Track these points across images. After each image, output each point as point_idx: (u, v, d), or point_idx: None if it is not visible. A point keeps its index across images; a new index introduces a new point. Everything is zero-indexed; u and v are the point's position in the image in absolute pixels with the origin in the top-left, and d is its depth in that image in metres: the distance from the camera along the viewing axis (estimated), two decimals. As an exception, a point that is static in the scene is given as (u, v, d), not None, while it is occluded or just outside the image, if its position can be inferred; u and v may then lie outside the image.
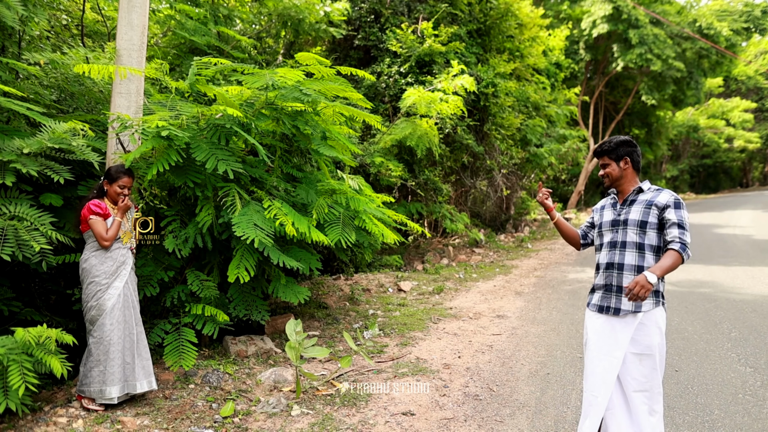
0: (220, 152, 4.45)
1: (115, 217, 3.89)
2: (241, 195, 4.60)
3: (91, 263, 3.82)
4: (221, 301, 5.00)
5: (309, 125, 5.19)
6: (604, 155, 3.06)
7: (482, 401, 4.19)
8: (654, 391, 2.83)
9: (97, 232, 3.79)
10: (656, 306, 2.87)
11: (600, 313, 3.01)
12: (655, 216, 2.86)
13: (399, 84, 11.54)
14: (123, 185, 3.92)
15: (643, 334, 2.83)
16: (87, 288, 3.82)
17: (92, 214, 3.79)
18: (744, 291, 7.71)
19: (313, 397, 4.27)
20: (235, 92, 4.74)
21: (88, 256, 3.85)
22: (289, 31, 11.73)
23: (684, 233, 2.78)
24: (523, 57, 15.06)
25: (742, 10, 26.88)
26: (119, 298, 3.85)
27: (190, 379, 4.40)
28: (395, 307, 7.42)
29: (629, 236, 2.92)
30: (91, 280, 3.80)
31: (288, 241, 5.17)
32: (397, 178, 10.09)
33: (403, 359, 5.24)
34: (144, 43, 4.77)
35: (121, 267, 3.91)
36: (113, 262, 3.87)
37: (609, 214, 3.08)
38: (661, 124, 30.73)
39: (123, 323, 3.87)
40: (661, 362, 2.85)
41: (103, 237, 3.79)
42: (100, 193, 3.95)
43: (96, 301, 3.78)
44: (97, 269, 3.80)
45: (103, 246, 3.82)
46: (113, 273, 3.85)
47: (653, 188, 2.97)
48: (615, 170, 3.02)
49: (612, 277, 2.97)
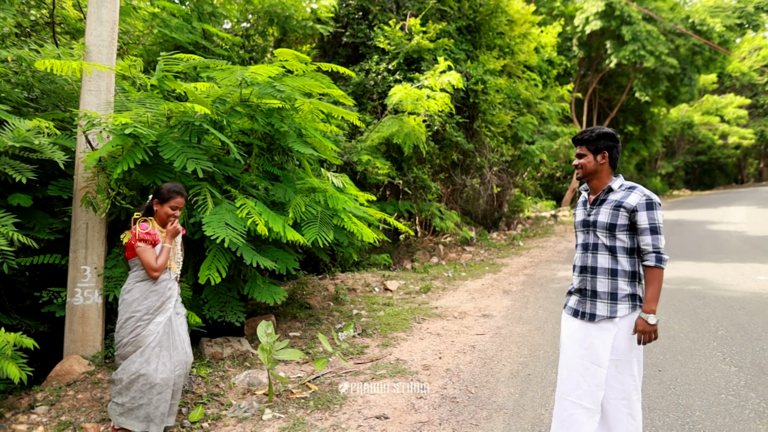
0: (191, 150, 4.34)
1: (164, 244, 3.44)
2: (213, 194, 4.49)
3: (133, 295, 3.39)
4: (195, 302, 4.89)
5: (285, 122, 5.07)
6: (583, 144, 2.88)
7: (459, 404, 4.09)
8: (632, 398, 2.71)
9: (146, 262, 3.35)
10: (633, 311, 2.73)
11: (575, 317, 2.90)
12: (624, 218, 2.71)
13: (387, 81, 11.43)
14: (175, 206, 3.48)
15: (620, 340, 2.71)
16: (125, 322, 3.38)
17: (140, 240, 3.36)
18: (733, 288, 7.63)
19: (286, 401, 4.16)
20: (204, 88, 4.62)
21: (131, 286, 3.42)
22: (276, 28, 11.62)
23: (657, 238, 2.66)
24: (514, 54, 14.96)
25: (735, 6, 26.84)
26: (158, 336, 3.41)
27: (160, 383, 4.28)
28: (380, 307, 7.31)
29: (600, 239, 2.79)
30: (130, 315, 3.37)
31: (264, 240, 5.06)
32: (385, 176, 9.99)
33: (383, 360, 5.13)
34: (114, 40, 4.65)
35: (167, 301, 3.49)
36: (158, 296, 3.44)
37: (581, 213, 2.94)
38: (655, 121, 30.67)
39: (168, 361, 3.45)
40: (639, 369, 2.73)
41: (152, 267, 3.35)
42: (147, 214, 3.52)
43: (134, 336, 3.36)
44: (139, 303, 3.38)
45: (152, 277, 3.39)
46: (157, 308, 3.43)
47: (625, 186, 2.80)
48: (590, 163, 2.84)
49: (586, 281, 2.84)
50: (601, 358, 2.71)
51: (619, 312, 2.72)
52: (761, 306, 6.54)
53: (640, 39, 22.77)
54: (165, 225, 3.49)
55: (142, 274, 3.40)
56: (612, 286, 2.74)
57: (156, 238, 3.41)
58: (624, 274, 2.73)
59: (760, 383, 4.20)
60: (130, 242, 3.39)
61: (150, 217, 3.51)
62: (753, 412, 3.70)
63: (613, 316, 2.73)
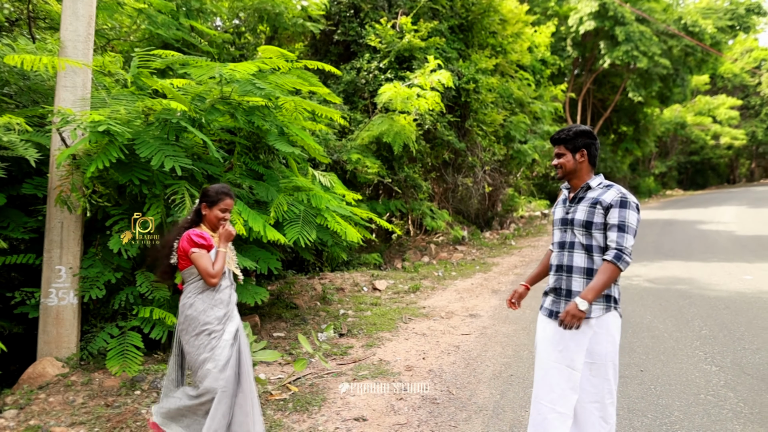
0: (169, 148, 4.28)
1: (219, 248, 3.16)
2: (191, 192, 4.43)
3: (197, 308, 3.07)
4: (174, 302, 4.83)
5: (267, 120, 5.02)
6: (561, 144, 2.83)
7: (439, 405, 4.04)
8: (605, 402, 2.65)
9: (203, 268, 3.05)
10: (607, 311, 2.68)
11: (550, 318, 2.85)
12: (601, 216, 2.67)
13: (378, 80, 11.38)
14: (225, 208, 3.19)
15: (594, 342, 2.65)
16: (197, 339, 3.04)
17: (194, 246, 3.06)
18: (719, 287, 7.62)
19: (264, 402, 4.11)
20: (181, 84, 4.56)
21: (192, 299, 3.09)
22: (266, 26, 11.56)
23: (623, 237, 2.60)
24: (506, 53, 14.92)
25: (727, 8, 26.94)
26: (232, 349, 3.13)
27: (137, 385, 4.23)
28: (367, 307, 7.27)
29: (577, 237, 2.74)
30: (201, 329, 3.05)
31: (245, 240, 5.01)
32: (375, 175, 9.94)
33: (366, 361, 5.09)
34: (91, 35, 4.58)
35: (233, 308, 3.25)
36: (224, 304, 3.15)
37: (560, 212, 2.89)
38: (648, 121, 30.77)
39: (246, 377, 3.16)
40: (614, 372, 2.67)
41: (209, 273, 3.05)
42: (196, 218, 3.24)
43: (210, 352, 3.03)
44: (207, 315, 3.07)
45: (211, 284, 3.09)
46: (224, 317, 3.14)
47: (603, 184, 2.76)
48: (570, 162, 2.80)
49: (561, 280, 2.80)
50: (576, 361, 2.67)
51: (593, 313, 2.66)
52: (745, 305, 6.53)
53: (633, 40, 22.82)
54: (215, 229, 3.21)
55: (202, 285, 3.10)
56: (587, 286, 2.69)
57: (211, 243, 3.13)
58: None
59: (739, 383, 4.18)
60: (183, 250, 3.08)
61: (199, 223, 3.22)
62: (731, 412, 3.67)
63: (588, 316, 2.67)
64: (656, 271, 9.15)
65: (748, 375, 4.32)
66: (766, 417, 3.57)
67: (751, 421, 3.53)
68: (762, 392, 3.96)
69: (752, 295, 7.03)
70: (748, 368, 4.47)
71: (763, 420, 3.53)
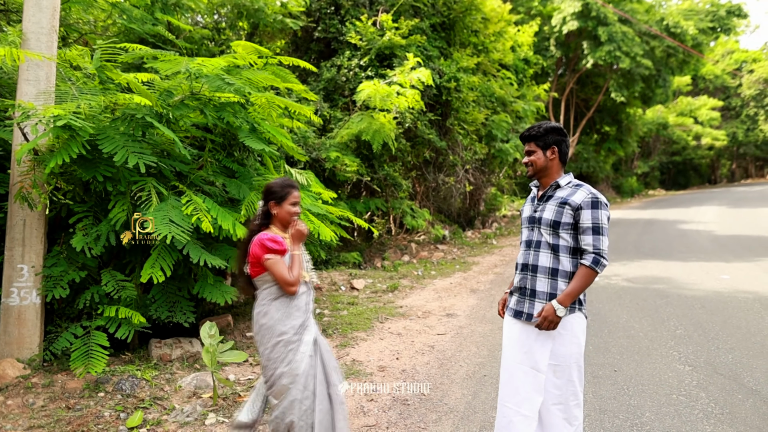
0: (135, 144, 4.17)
1: (294, 251, 2.89)
2: (159, 190, 4.32)
3: (273, 317, 2.82)
4: (143, 301, 4.72)
5: (238, 117, 4.92)
6: (531, 141, 2.77)
7: (410, 406, 3.98)
8: (569, 404, 2.61)
9: (280, 275, 2.78)
10: (571, 312, 2.63)
11: (516, 319, 2.80)
12: (569, 216, 2.62)
13: (359, 77, 11.30)
14: (295, 201, 2.93)
15: (559, 343, 2.61)
16: (273, 350, 2.78)
17: (268, 252, 2.80)
18: (696, 287, 7.66)
19: (233, 404, 4.02)
20: (146, 78, 4.44)
21: (267, 308, 2.83)
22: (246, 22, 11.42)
23: (599, 239, 2.56)
24: (488, 52, 14.91)
25: (708, 10, 27.27)
26: (312, 361, 2.85)
27: (100, 387, 4.11)
28: (344, 306, 7.19)
29: (543, 236, 2.69)
30: (278, 339, 2.79)
31: (215, 238, 4.90)
32: (354, 174, 9.86)
33: (339, 361, 5.01)
34: (55, 27, 4.45)
35: (309, 316, 2.95)
36: (302, 312, 2.88)
37: (528, 210, 2.85)
38: (631, 122, 31.03)
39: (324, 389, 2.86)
40: (579, 374, 2.63)
41: (287, 281, 2.77)
42: (265, 220, 2.96)
43: (288, 365, 2.77)
44: (283, 324, 2.81)
45: (290, 293, 2.82)
46: (301, 326, 2.86)
47: (573, 183, 2.72)
48: (540, 159, 2.74)
49: (526, 280, 2.74)
50: (540, 363, 2.62)
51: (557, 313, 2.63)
52: (721, 305, 6.56)
53: (616, 40, 22.99)
54: (287, 227, 2.94)
55: (276, 291, 2.84)
56: (552, 286, 2.64)
57: (285, 247, 2.86)
58: (565, 274, 2.64)
59: (711, 383, 4.17)
60: (256, 257, 2.83)
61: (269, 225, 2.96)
62: (701, 413, 3.66)
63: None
64: (635, 271, 9.19)
65: (721, 375, 4.31)
66: (736, 417, 3.56)
67: (721, 421, 3.52)
68: (733, 392, 3.96)
69: (728, 295, 7.07)
70: (720, 368, 4.47)
71: (733, 420, 3.52)
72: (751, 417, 3.54)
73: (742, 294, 7.08)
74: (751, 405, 3.73)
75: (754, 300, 6.73)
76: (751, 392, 3.93)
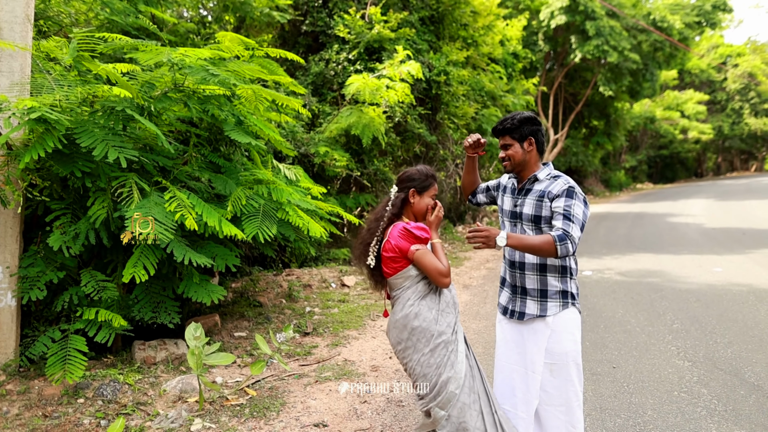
0: (115, 138, 3.98)
1: (434, 240, 2.61)
2: (141, 186, 4.13)
3: (426, 317, 2.49)
4: (125, 302, 4.53)
5: (223, 110, 4.74)
6: (506, 134, 2.62)
7: (404, 408, 3.85)
8: (572, 405, 2.48)
9: (433, 267, 2.46)
10: (564, 308, 2.51)
11: (505, 316, 2.68)
12: (548, 209, 2.50)
13: (347, 71, 11.12)
14: (435, 194, 2.72)
15: (553, 341, 2.49)
16: (433, 354, 2.47)
17: (416, 241, 2.51)
18: (690, 280, 7.60)
19: (220, 408, 3.86)
20: (126, 69, 4.24)
21: (417, 308, 2.50)
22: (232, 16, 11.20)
23: (569, 225, 2.37)
24: (478, 45, 14.78)
25: (694, 5, 27.38)
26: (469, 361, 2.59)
27: (80, 393, 3.93)
28: (335, 304, 7.04)
29: (526, 232, 2.56)
30: (437, 341, 2.48)
31: (201, 236, 4.72)
32: (343, 169, 9.69)
33: (330, 361, 4.87)
34: (29, 16, 4.24)
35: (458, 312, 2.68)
36: (451, 308, 2.58)
37: (508, 203, 2.70)
38: (619, 116, 31.09)
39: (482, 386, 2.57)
40: (578, 373, 2.51)
41: (442, 272, 2.47)
42: (401, 210, 2.67)
43: (452, 369, 2.47)
44: (440, 323, 2.50)
45: (444, 284, 2.50)
46: (456, 323, 2.58)
47: (552, 175, 2.58)
48: (518, 152, 2.59)
49: (515, 277, 2.63)
50: (536, 363, 2.50)
51: (549, 310, 2.51)
52: (715, 298, 6.50)
53: (604, 34, 22.98)
54: (418, 220, 2.70)
55: (423, 287, 2.54)
56: (542, 283, 2.53)
57: (430, 236, 2.59)
58: (554, 269, 2.53)
59: (712, 378, 4.08)
60: (400, 249, 2.51)
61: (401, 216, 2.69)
62: (704, 410, 3.56)
63: (543, 314, 2.52)
64: (628, 264, 9.13)
65: (721, 370, 4.22)
66: (740, 414, 3.47)
67: (725, 419, 3.42)
68: (735, 388, 3.87)
69: (722, 288, 7.01)
70: (720, 363, 4.38)
71: (738, 418, 3.43)
72: (756, 414, 3.45)
73: (735, 287, 7.03)
74: (755, 401, 3.63)
75: (748, 293, 6.67)
76: (754, 388, 3.84)
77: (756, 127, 40.87)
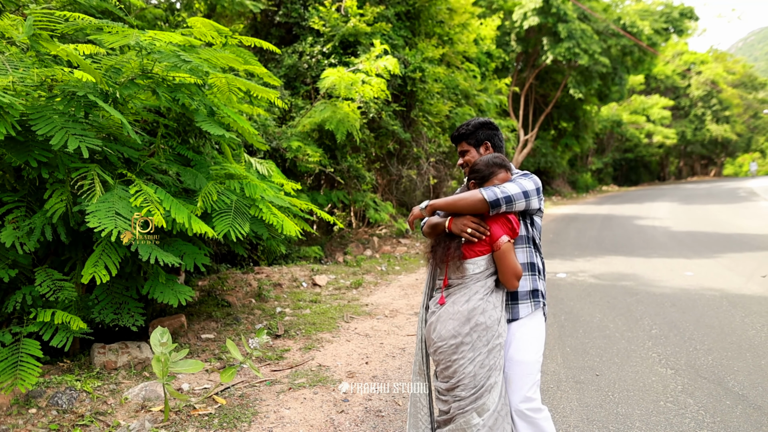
0: (76, 126, 3.66)
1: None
2: (104, 178, 3.83)
3: (491, 316, 2.34)
4: (84, 303, 4.21)
5: (194, 99, 4.45)
6: (462, 140, 2.64)
7: (384, 418, 3.66)
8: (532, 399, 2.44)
9: (513, 265, 2.33)
10: (536, 308, 2.48)
11: None
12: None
13: (322, 64, 10.86)
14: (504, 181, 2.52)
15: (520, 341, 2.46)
16: (488, 357, 2.33)
17: (510, 234, 2.36)
18: (663, 284, 7.62)
19: (186, 419, 3.60)
20: (88, 51, 3.92)
21: (485, 304, 2.34)
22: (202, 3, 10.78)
23: (504, 190, 2.31)
24: (453, 43, 14.69)
25: (662, 11, 27.99)
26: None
27: (32, 402, 3.60)
28: (306, 304, 6.80)
29: None
30: (496, 342, 2.35)
31: (169, 233, 4.43)
32: (316, 164, 9.44)
33: (304, 367, 4.64)
34: (-19, -10, 3.88)
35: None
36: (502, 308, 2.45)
37: None
38: (587, 118, 31.57)
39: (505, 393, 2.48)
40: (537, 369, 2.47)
41: (517, 274, 2.35)
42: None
43: (500, 373, 2.37)
44: (502, 325, 2.38)
45: (514, 286, 2.38)
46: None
47: (517, 174, 2.51)
48: (475, 158, 2.60)
49: None
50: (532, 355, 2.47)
51: (521, 312, 2.46)
52: (690, 303, 6.51)
53: (575, 37, 23.22)
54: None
55: (492, 283, 2.38)
56: (521, 284, 2.46)
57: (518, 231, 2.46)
58: (533, 267, 2.49)
59: (696, 388, 4.01)
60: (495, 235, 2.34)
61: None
62: (693, 421, 3.48)
63: (515, 318, 2.46)
64: (600, 267, 9.14)
65: (704, 379, 4.16)
66: (728, 426, 3.39)
67: (714, 430, 3.34)
68: (720, 398, 3.80)
69: (695, 292, 7.04)
70: (702, 371, 4.33)
71: (726, 429, 3.35)
72: (744, 426, 3.38)
73: (708, 291, 7.07)
74: (741, 412, 3.57)
75: (721, 297, 6.71)
76: (739, 398, 3.79)
77: (717, 133, 42.15)
